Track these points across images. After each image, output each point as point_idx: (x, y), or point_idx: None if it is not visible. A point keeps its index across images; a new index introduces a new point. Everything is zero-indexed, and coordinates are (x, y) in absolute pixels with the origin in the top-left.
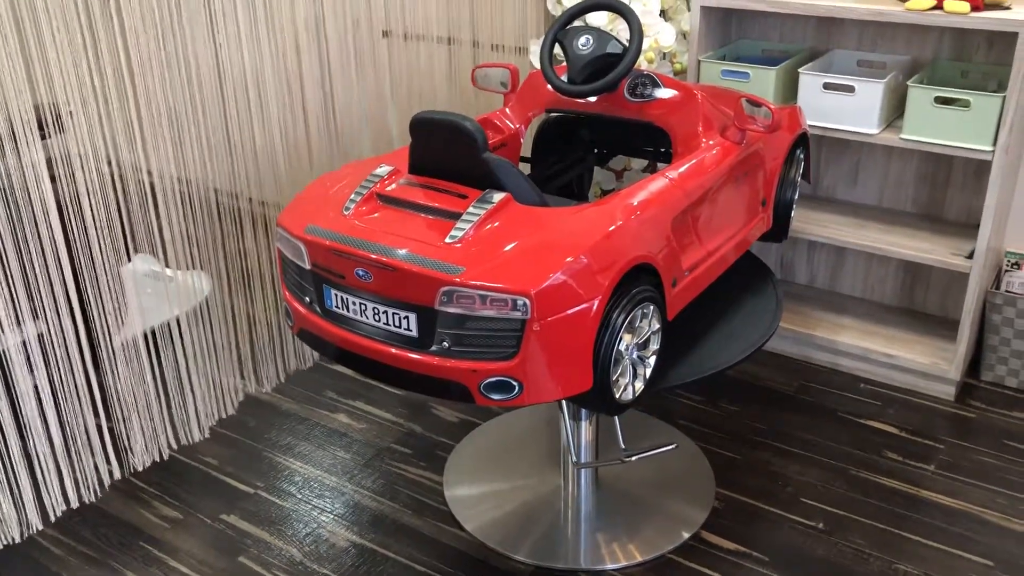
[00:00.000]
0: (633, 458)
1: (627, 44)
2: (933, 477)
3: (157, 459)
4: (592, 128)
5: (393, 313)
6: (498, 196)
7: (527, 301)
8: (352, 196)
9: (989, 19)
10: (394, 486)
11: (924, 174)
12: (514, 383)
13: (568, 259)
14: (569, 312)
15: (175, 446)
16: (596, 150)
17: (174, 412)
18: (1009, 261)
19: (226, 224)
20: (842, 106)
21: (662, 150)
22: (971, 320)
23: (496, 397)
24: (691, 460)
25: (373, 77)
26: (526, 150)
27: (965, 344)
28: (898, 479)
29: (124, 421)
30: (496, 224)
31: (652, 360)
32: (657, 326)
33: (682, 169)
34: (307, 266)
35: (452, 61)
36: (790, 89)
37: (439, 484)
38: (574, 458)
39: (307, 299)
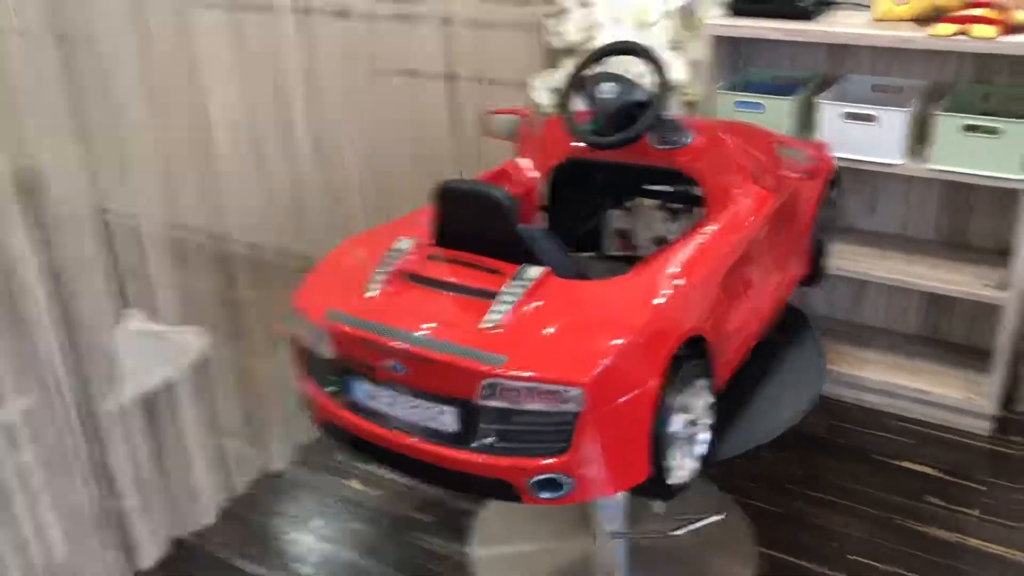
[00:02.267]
0: (680, 532)
1: (653, 90)
2: (980, 523)
3: (163, 552)
4: (607, 171)
5: (428, 407)
6: (536, 271)
7: (580, 392)
8: (374, 275)
9: (1016, 43)
10: (415, 560)
11: (946, 201)
12: (565, 480)
13: (620, 340)
14: (624, 399)
15: (183, 534)
16: (611, 194)
17: (177, 492)
18: None
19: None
20: (864, 136)
21: (682, 189)
22: (1007, 351)
23: (545, 496)
24: (728, 515)
25: (368, 117)
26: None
27: (1000, 376)
28: (944, 527)
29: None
30: (536, 303)
31: (705, 436)
32: (710, 399)
33: (721, 225)
34: (330, 356)
35: (450, 98)
36: (807, 118)
37: (461, 555)
38: (608, 527)
39: (330, 390)
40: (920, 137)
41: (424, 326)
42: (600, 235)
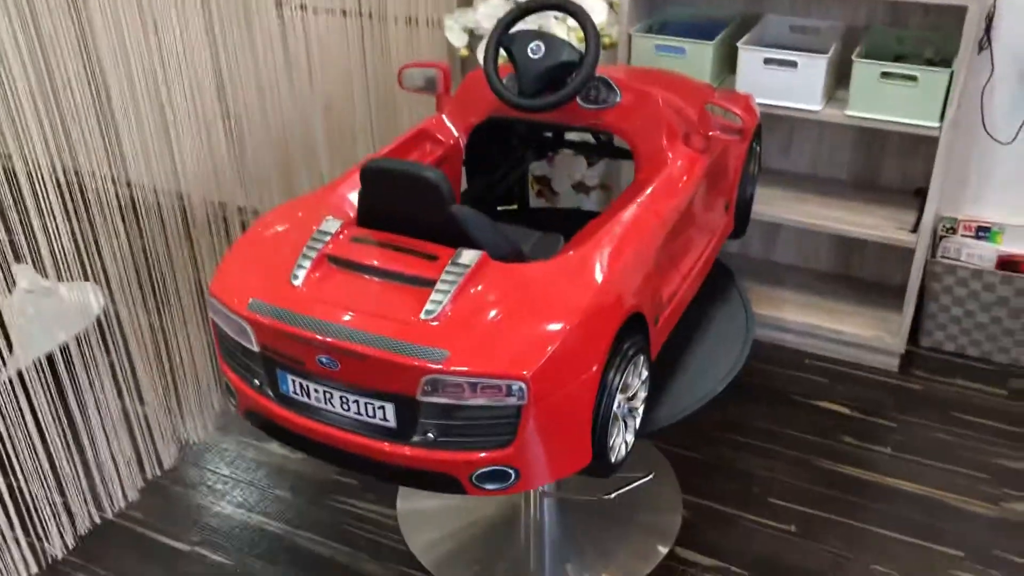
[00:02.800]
0: (613, 495)
1: (581, 50)
2: (892, 461)
3: (79, 535)
4: (529, 126)
5: (366, 403)
6: (473, 256)
7: (523, 385)
8: (300, 261)
9: None
10: (344, 526)
11: (859, 142)
12: (510, 471)
13: (562, 327)
14: (568, 388)
15: (96, 518)
16: (533, 147)
17: (92, 472)
18: (944, 227)
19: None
20: (784, 82)
21: (604, 140)
22: (916, 292)
23: (491, 487)
24: (653, 465)
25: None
26: None
27: (910, 317)
28: (860, 466)
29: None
30: (475, 290)
31: (641, 409)
32: (646, 374)
33: (654, 193)
34: (255, 348)
35: (363, 37)
36: (727, 63)
37: (393, 519)
38: (539, 490)
39: (256, 382)
40: (837, 81)
41: (358, 319)
42: (523, 185)
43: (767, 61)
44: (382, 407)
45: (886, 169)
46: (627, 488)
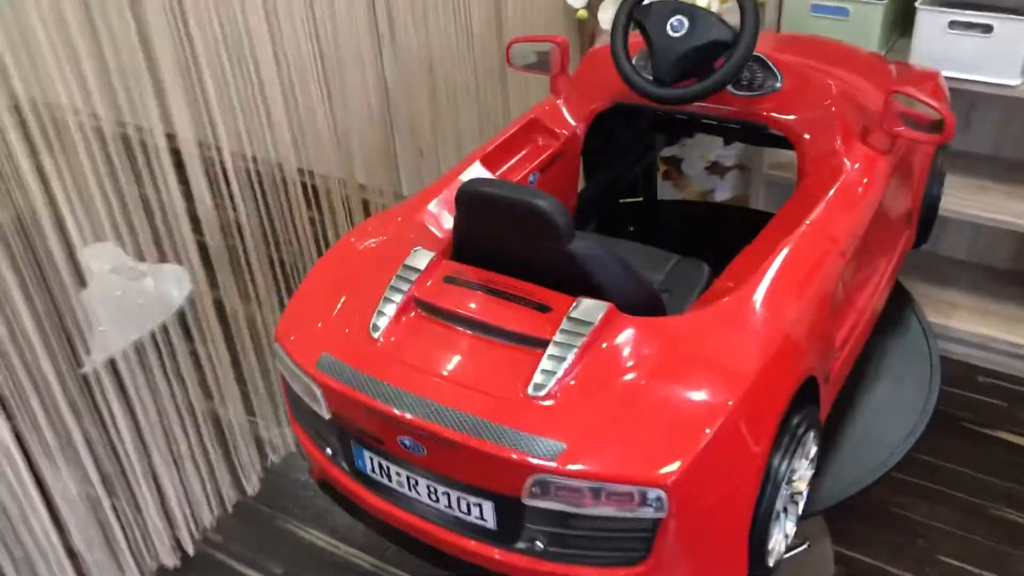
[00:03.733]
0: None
1: (734, 28)
2: None
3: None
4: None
5: (459, 497)
6: (597, 309)
7: (663, 494)
8: (382, 305)
9: None
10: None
11: None
12: None
13: (720, 407)
14: (723, 489)
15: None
16: (664, 133)
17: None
18: None
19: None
20: (974, 50)
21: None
22: None
23: None
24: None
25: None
26: None
27: None
28: None
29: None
30: (600, 355)
31: (805, 493)
32: (815, 451)
33: (829, 209)
34: (326, 415)
35: None
36: (898, 26)
37: None
38: None
39: (329, 451)
40: None
41: (448, 390)
42: (650, 175)
43: (953, 24)
44: (479, 504)
45: None
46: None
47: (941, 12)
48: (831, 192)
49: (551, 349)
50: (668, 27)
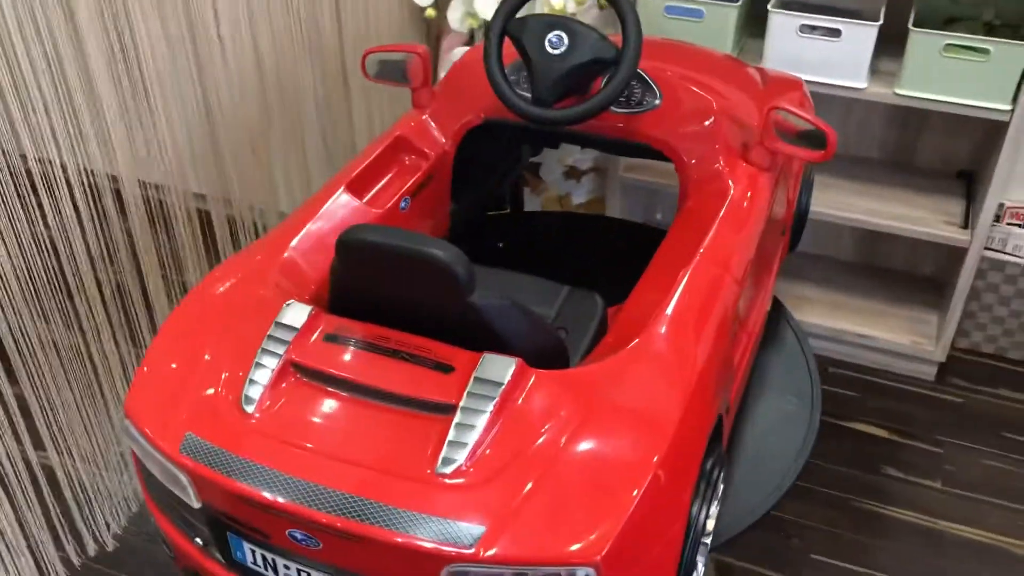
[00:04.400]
0: None
1: (615, 45)
2: (945, 498)
3: None
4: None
5: None
6: (506, 366)
7: (591, 572)
8: (253, 372)
9: None
10: None
11: (894, 117)
12: None
13: (645, 463)
14: (652, 551)
15: None
16: (531, 144)
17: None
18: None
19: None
20: (823, 54)
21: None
22: (964, 297)
23: None
24: None
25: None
26: None
27: (955, 323)
28: (909, 507)
29: None
30: (513, 421)
31: (712, 526)
32: (722, 487)
33: (719, 236)
34: (195, 504)
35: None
36: (752, 29)
37: None
38: None
39: (199, 540)
40: (880, 50)
41: (341, 472)
42: (516, 185)
43: (803, 28)
44: None
45: (924, 148)
46: None
47: (792, 16)
48: (719, 216)
49: (459, 416)
50: (546, 43)
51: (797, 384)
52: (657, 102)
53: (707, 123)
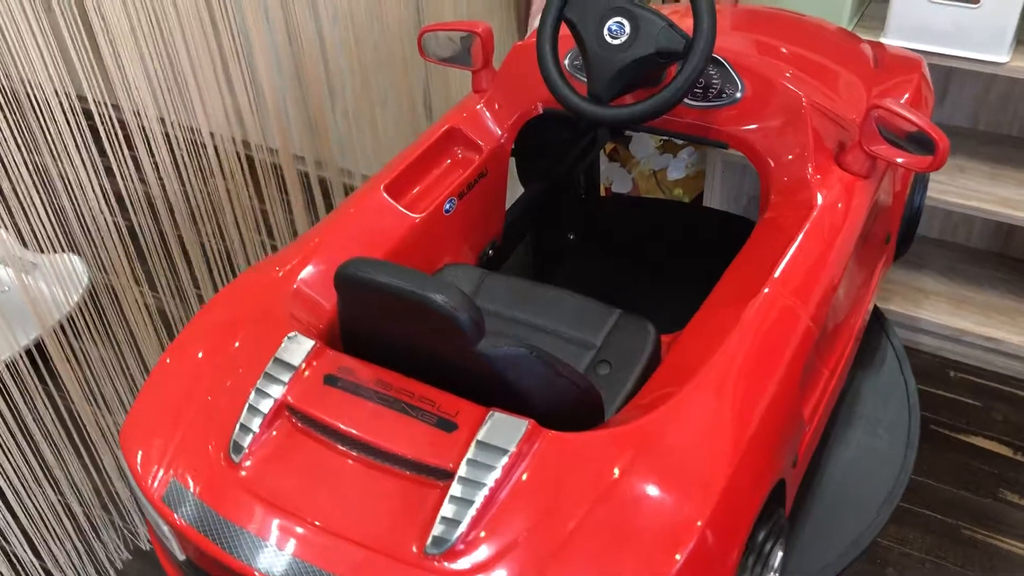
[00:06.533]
0: None
1: (684, 33)
2: None
3: None
4: None
5: None
6: (514, 429)
7: None
8: (245, 416)
9: None
10: None
11: None
12: None
13: (672, 555)
14: None
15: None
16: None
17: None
18: None
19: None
20: (958, 23)
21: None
22: None
23: None
24: None
25: None
26: None
27: None
28: None
29: None
30: (519, 496)
31: None
32: (781, 554)
33: (797, 260)
34: (180, 556)
35: None
36: None
37: None
38: None
39: None
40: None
41: (325, 547)
42: (592, 171)
43: None
44: None
45: None
46: None
47: None
48: (801, 234)
49: (455, 488)
50: (605, 31)
51: (892, 415)
52: (738, 95)
53: (796, 122)
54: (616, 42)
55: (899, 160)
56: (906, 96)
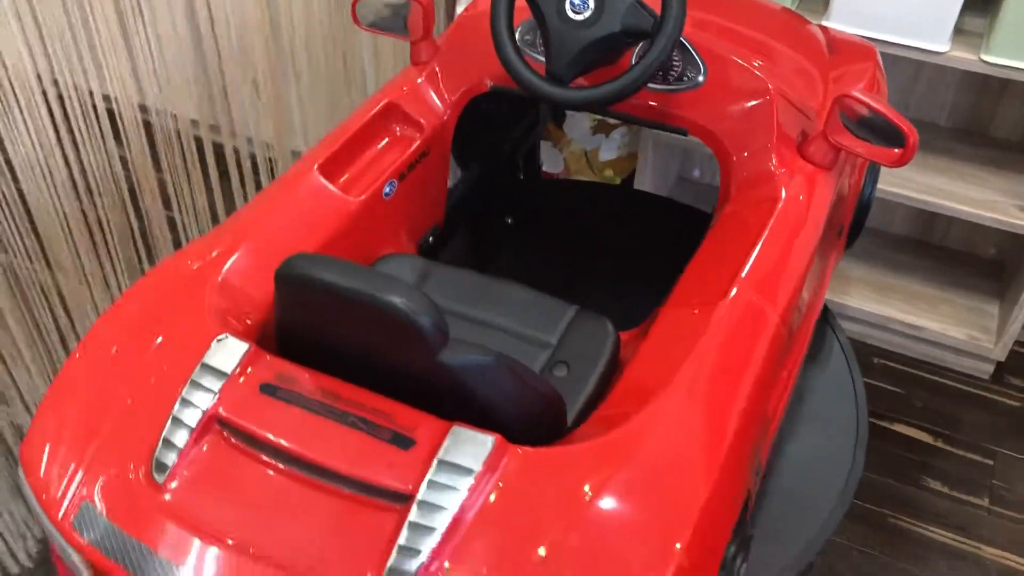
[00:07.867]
0: None
1: (651, 11)
2: (992, 520)
3: None
4: None
5: None
6: (480, 447)
7: None
8: (168, 430)
9: None
10: None
11: (970, 81)
12: None
13: None
14: None
15: None
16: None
17: None
18: None
19: None
20: (901, 10)
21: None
22: None
23: None
24: None
25: None
26: None
27: (1021, 319)
28: (952, 528)
29: None
30: (486, 520)
31: None
32: (746, 566)
33: (764, 258)
34: None
35: None
36: None
37: None
38: None
39: None
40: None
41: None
42: (533, 151)
43: None
44: None
45: (1002, 117)
46: None
47: None
48: (767, 230)
49: (414, 513)
50: (567, 5)
51: (841, 414)
52: (701, 79)
53: (760, 109)
54: (579, 17)
55: (864, 152)
56: (861, 85)
